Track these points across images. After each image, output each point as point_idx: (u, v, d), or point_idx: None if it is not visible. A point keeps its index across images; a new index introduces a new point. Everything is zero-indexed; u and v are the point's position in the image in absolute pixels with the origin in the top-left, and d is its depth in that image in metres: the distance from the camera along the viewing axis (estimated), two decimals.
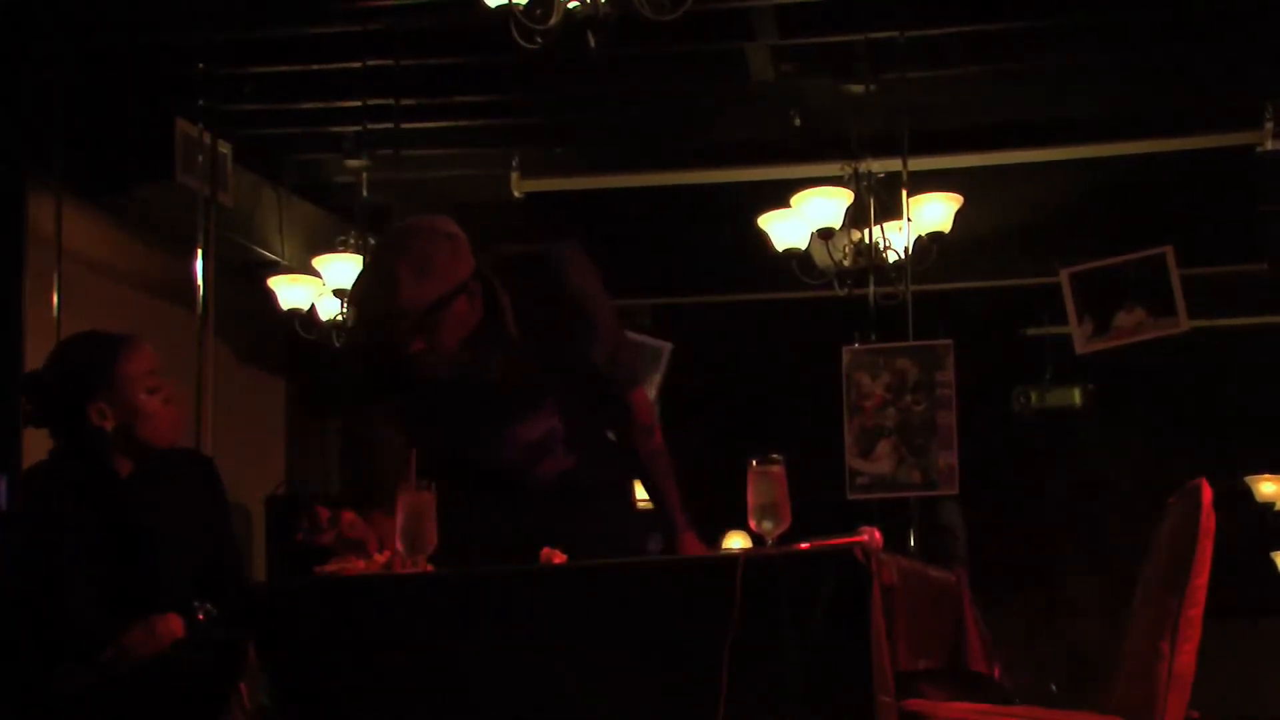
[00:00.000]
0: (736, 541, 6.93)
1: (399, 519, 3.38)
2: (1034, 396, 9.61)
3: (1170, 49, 7.24)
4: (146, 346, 4.00)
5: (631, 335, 7.51)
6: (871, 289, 7.46)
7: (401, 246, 3.75)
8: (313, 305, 7.91)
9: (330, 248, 7.86)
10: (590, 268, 3.95)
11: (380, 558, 3.51)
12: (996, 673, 3.54)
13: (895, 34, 6.92)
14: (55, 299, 6.85)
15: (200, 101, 7.23)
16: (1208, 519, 3.42)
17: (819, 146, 7.76)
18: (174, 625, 3.79)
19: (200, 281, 7.27)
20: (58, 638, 3.78)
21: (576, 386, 3.96)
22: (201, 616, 3.74)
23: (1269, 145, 7.72)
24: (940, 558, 6.84)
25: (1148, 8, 6.87)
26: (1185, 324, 7.57)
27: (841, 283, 7.49)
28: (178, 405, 4.08)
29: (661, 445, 3.98)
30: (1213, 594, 3.44)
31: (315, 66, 7.31)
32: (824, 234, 7.36)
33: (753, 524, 3.19)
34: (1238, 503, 9.82)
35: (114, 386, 3.89)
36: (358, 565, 3.53)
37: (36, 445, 4.62)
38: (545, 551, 3.55)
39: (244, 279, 8.09)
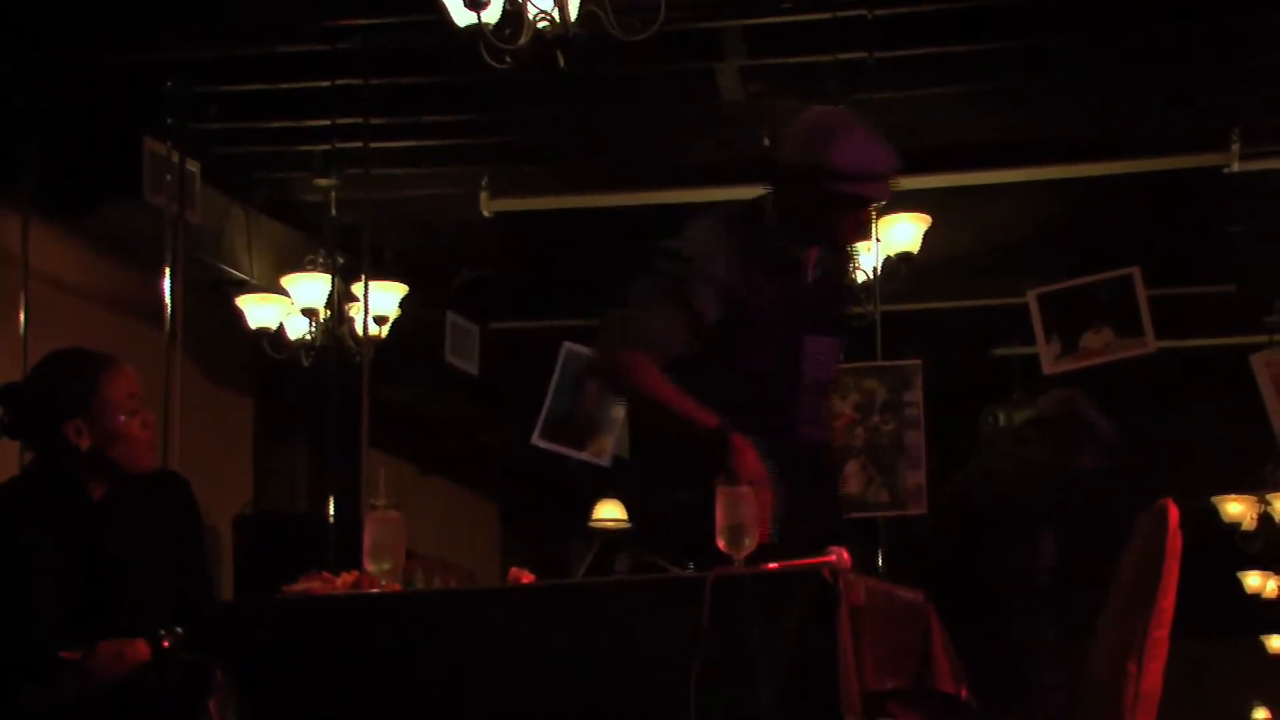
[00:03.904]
0: None
1: (366, 538, 3.37)
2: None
3: (1139, 71, 7.26)
4: (128, 369, 3.96)
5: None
6: None
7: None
8: (281, 324, 7.90)
9: (299, 267, 7.85)
10: None
11: (348, 577, 3.49)
12: (964, 693, 3.54)
13: (865, 55, 6.93)
14: (22, 317, 6.82)
15: (169, 120, 7.19)
16: (1174, 540, 3.42)
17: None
18: (140, 650, 3.75)
19: (168, 300, 7.23)
20: (19, 659, 3.74)
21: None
22: (167, 644, 3.70)
23: (1236, 167, 7.74)
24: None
25: (1117, 31, 6.89)
26: (1153, 344, 7.58)
27: None
28: (154, 430, 4.05)
29: None
30: (1179, 614, 3.45)
31: (284, 85, 7.29)
32: None
33: (721, 544, 3.18)
34: (1204, 523, 9.85)
35: (93, 407, 3.85)
36: (324, 585, 3.51)
37: (4, 461, 4.59)
38: (513, 571, 3.54)
39: (212, 298, 8.06)
